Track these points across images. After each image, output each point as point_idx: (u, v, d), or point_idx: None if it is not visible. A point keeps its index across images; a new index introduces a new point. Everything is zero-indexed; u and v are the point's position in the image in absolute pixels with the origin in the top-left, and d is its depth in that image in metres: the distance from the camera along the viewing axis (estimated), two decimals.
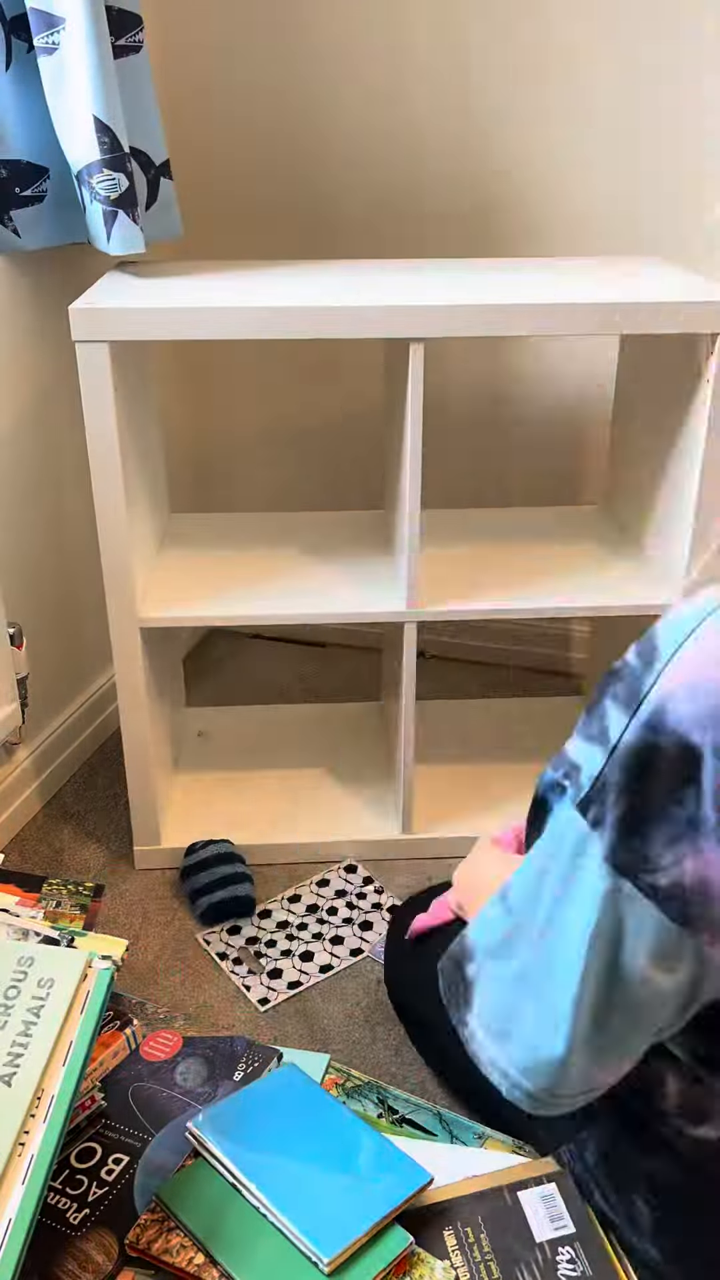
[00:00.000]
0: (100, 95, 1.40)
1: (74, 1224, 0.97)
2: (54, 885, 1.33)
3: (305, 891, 1.61)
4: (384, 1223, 0.93)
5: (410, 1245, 0.93)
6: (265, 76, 1.89)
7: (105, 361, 1.33)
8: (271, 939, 1.52)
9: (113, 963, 0.98)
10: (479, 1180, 1.00)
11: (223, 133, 1.96)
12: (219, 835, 1.67)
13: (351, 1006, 1.42)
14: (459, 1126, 1.12)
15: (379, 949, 1.51)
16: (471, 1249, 0.94)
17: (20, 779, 1.74)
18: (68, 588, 1.83)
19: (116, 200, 1.45)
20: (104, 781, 1.87)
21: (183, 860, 1.61)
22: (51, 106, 1.44)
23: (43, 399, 1.68)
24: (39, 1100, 0.87)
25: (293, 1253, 0.91)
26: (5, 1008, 0.92)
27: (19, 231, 1.51)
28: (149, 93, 1.56)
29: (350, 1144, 1.00)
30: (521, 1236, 0.95)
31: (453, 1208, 0.98)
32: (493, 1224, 0.96)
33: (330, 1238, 0.91)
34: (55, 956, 0.97)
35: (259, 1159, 0.97)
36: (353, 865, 1.65)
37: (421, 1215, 0.97)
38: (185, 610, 1.50)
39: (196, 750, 1.89)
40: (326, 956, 1.49)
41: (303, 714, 1.99)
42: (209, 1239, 0.92)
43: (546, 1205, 0.98)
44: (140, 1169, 1.02)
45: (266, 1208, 0.94)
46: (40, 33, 1.39)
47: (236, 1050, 1.15)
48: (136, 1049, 1.15)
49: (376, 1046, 1.37)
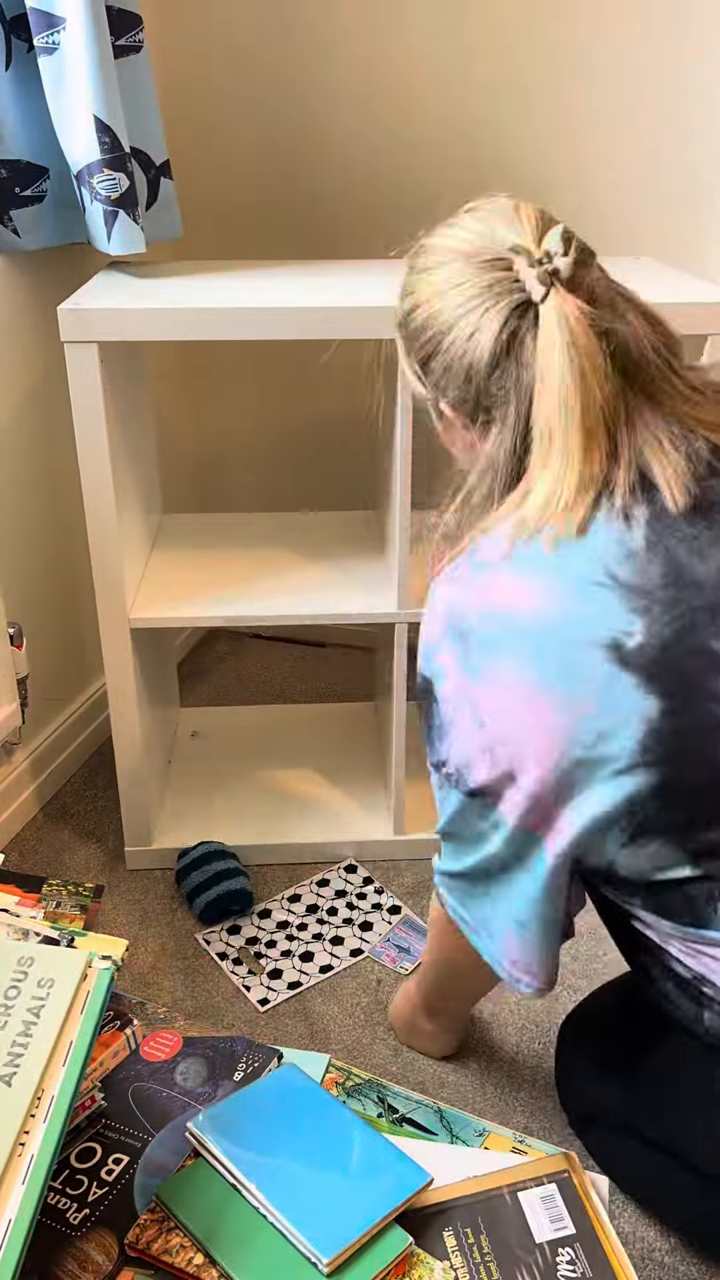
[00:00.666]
0: (100, 95, 1.39)
1: (74, 1224, 0.97)
2: (54, 886, 1.33)
3: (305, 891, 1.60)
4: (383, 1223, 0.93)
5: (410, 1246, 0.93)
6: (265, 77, 1.89)
7: (94, 362, 1.33)
8: (271, 939, 1.52)
9: (113, 963, 0.98)
10: (479, 1181, 1.00)
11: (222, 133, 1.95)
12: (213, 836, 1.67)
13: (351, 1006, 1.42)
14: (460, 1124, 1.13)
15: (379, 949, 1.51)
16: (471, 1250, 0.94)
17: (20, 779, 1.74)
18: (68, 588, 1.83)
19: (117, 200, 1.44)
20: (104, 782, 1.87)
21: (175, 863, 1.61)
22: (52, 107, 1.44)
23: (43, 398, 1.68)
24: (39, 1100, 0.87)
25: (292, 1253, 0.91)
26: (5, 1008, 0.92)
27: (19, 231, 1.51)
28: (149, 93, 1.56)
29: (350, 1144, 1.00)
30: (521, 1237, 0.95)
31: (453, 1208, 0.98)
32: (492, 1225, 0.96)
33: (329, 1238, 0.91)
34: (55, 957, 0.97)
35: (259, 1159, 0.97)
36: (353, 865, 1.65)
37: (421, 1216, 0.97)
38: (175, 611, 1.50)
39: (191, 751, 1.89)
40: (327, 957, 1.49)
41: (298, 714, 1.99)
42: (208, 1239, 0.92)
43: (546, 1206, 0.98)
44: (140, 1169, 1.02)
45: (266, 1208, 0.94)
46: (40, 32, 1.39)
47: (236, 1050, 1.15)
48: (136, 1049, 1.15)
49: (376, 1046, 1.37)
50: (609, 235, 1.84)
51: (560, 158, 1.82)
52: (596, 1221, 0.97)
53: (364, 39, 1.83)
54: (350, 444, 2.12)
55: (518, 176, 1.85)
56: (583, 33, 1.74)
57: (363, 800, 1.74)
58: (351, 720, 1.97)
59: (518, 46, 1.77)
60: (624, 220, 1.83)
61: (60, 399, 1.73)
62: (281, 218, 1.99)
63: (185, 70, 1.92)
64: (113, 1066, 1.12)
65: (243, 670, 2.24)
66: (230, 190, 1.99)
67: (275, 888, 1.62)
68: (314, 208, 1.96)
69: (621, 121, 1.78)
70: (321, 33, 1.84)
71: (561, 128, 1.80)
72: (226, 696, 2.14)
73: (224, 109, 1.94)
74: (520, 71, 1.78)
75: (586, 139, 1.80)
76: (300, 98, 1.89)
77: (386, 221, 1.93)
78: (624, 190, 1.82)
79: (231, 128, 1.95)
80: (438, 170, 1.88)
